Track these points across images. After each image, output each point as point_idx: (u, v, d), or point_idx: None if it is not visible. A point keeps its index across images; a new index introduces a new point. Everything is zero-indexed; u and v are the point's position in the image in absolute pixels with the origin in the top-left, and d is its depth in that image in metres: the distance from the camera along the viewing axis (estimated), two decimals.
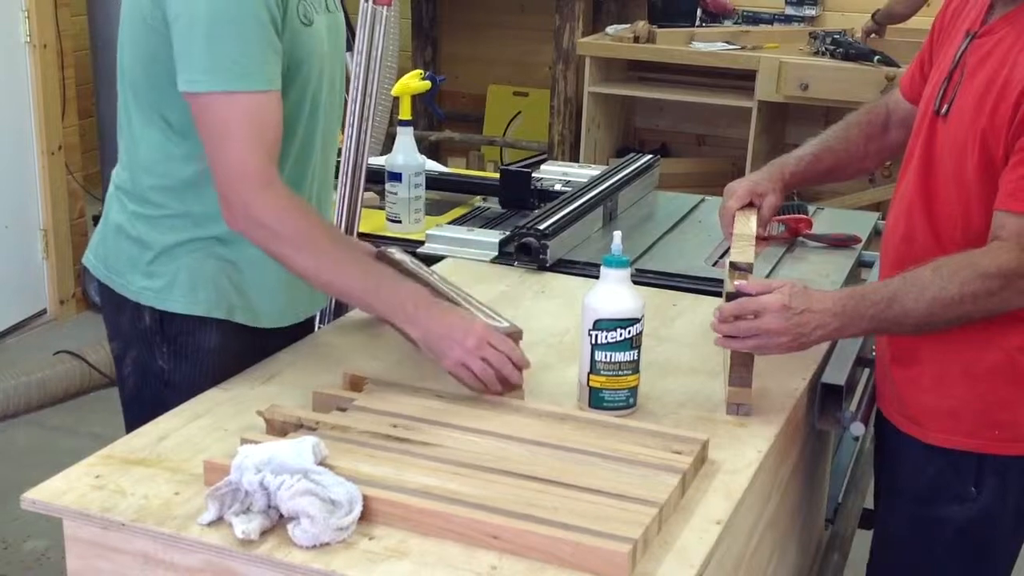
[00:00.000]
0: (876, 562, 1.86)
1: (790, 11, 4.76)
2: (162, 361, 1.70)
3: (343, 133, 2.54)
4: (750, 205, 1.88)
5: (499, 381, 1.53)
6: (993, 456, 1.65)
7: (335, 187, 2.05)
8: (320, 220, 1.61)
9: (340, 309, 2.26)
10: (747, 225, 1.77)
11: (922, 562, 1.76)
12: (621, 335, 1.55)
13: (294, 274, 1.59)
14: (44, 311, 4.32)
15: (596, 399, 1.57)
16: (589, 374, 1.56)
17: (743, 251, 1.64)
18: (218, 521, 1.27)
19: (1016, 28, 1.57)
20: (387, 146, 2.71)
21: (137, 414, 1.70)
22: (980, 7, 1.65)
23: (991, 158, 1.55)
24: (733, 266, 1.60)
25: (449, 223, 2.42)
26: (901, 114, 1.88)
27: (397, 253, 1.85)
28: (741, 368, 1.58)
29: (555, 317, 1.93)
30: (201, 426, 1.51)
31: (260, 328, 1.73)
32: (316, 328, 1.99)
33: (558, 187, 2.58)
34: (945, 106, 1.64)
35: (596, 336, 1.55)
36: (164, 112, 1.61)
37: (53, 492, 1.34)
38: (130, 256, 1.68)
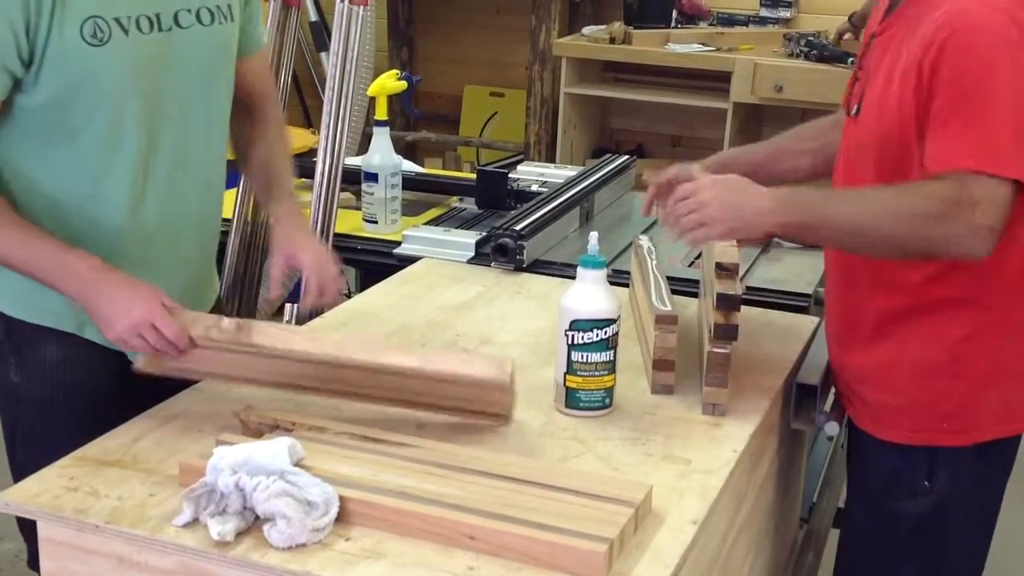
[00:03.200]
0: (841, 559, 1.88)
1: (765, 13, 4.78)
2: (13, 374, 1.64)
3: (319, 134, 2.54)
4: None
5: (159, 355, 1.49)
6: (944, 448, 1.67)
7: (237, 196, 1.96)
8: None
9: (313, 312, 2.25)
10: None
11: (883, 558, 1.78)
12: (597, 335, 1.55)
13: None
14: None
15: (572, 399, 1.57)
16: (566, 375, 1.57)
17: (727, 251, 1.65)
18: (193, 523, 1.26)
19: (903, 23, 1.60)
20: (363, 146, 2.70)
21: (6, 436, 1.64)
22: (881, 8, 1.69)
23: (903, 151, 1.57)
24: (719, 267, 1.61)
25: (426, 224, 2.42)
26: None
27: None
28: (717, 368, 1.58)
29: (531, 318, 1.93)
30: (176, 427, 1.50)
31: (115, 350, 1.60)
32: None
33: (534, 188, 2.59)
34: (855, 107, 1.68)
35: (572, 336, 1.55)
36: None
37: (27, 493, 1.33)
38: None
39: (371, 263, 2.40)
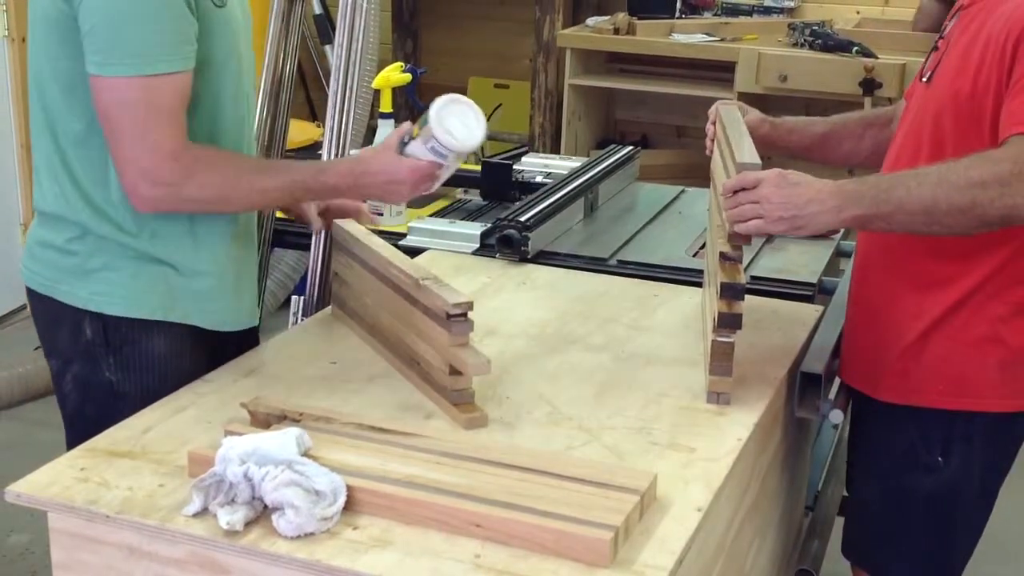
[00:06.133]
0: (848, 535, 1.89)
1: (769, 2, 4.77)
2: (109, 373, 1.66)
3: (323, 126, 2.55)
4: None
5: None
6: (961, 420, 1.69)
7: None
8: (234, 153, 1.66)
9: (321, 302, 2.26)
10: None
11: (891, 533, 1.80)
12: None
13: (232, 210, 1.64)
14: (24, 306, 4.30)
15: None
16: None
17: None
18: (203, 512, 1.28)
19: None
20: (368, 139, 2.70)
21: (82, 431, 1.64)
22: None
23: (975, 117, 1.58)
24: (723, 256, 1.61)
25: (431, 215, 2.42)
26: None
27: None
28: (722, 357, 1.59)
29: (536, 308, 1.94)
30: (185, 418, 1.51)
31: (210, 332, 1.69)
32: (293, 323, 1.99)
33: (539, 179, 2.59)
34: (929, 73, 1.70)
35: None
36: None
37: (37, 485, 1.34)
38: (69, 266, 1.64)
39: None
